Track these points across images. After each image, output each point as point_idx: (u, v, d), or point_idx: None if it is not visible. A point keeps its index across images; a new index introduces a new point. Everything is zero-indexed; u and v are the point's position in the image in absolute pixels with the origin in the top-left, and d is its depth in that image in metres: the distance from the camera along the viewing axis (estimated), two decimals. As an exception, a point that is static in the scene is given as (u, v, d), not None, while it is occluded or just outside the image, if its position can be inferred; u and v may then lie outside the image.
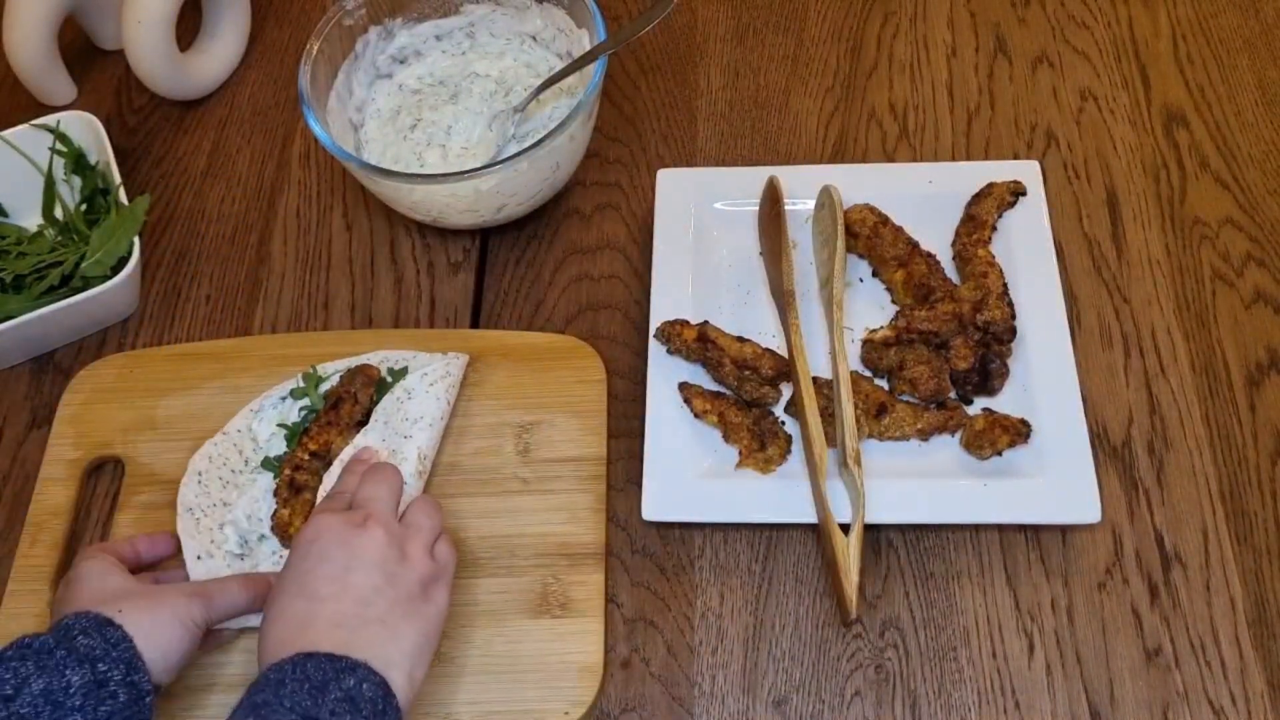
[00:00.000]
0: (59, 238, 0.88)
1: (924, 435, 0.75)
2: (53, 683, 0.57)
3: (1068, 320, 0.77)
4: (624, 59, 0.99)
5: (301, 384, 0.78)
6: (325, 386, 0.79)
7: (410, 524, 0.67)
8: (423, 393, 0.76)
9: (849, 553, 0.69)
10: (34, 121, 0.90)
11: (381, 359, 0.79)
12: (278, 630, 0.60)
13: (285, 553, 0.72)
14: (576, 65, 0.85)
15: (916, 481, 0.73)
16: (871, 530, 0.73)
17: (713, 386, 0.78)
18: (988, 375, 0.76)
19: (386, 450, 0.74)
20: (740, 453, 0.74)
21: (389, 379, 0.78)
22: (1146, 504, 0.74)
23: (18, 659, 0.57)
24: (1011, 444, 0.73)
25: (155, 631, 0.62)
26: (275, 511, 0.73)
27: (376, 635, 0.60)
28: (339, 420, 0.76)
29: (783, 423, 0.76)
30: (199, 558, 0.72)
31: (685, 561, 0.74)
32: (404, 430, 0.75)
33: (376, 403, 0.77)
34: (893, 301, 0.82)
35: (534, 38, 0.93)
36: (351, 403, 0.76)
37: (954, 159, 0.90)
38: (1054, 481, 0.71)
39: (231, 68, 1.02)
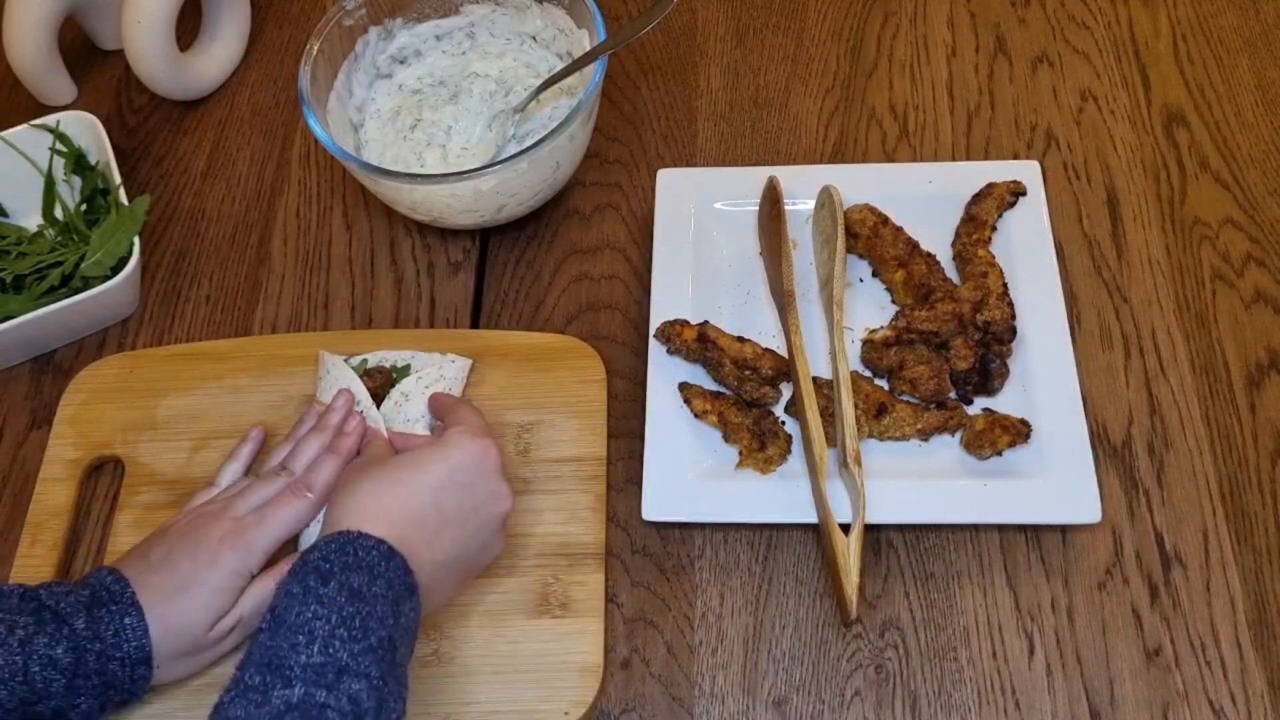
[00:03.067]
0: (59, 238, 0.88)
1: (924, 435, 0.75)
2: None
3: (1068, 320, 0.77)
4: (624, 59, 0.99)
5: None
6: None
7: None
8: (419, 395, 0.76)
9: (849, 553, 0.69)
10: (34, 121, 0.90)
11: (381, 358, 0.79)
12: (394, 505, 0.61)
13: None
14: (576, 65, 0.85)
15: (916, 481, 0.73)
16: (871, 530, 0.73)
17: (713, 386, 0.78)
18: (988, 375, 0.76)
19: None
20: (740, 453, 0.74)
21: (395, 377, 0.78)
22: (1146, 504, 0.74)
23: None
24: (1011, 444, 0.73)
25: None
26: None
27: (444, 587, 0.64)
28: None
29: (783, 423, 0.76)
30: None
31: (685, 561, 0.74)
32: (404, 432, 0.75)
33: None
34: (893, 301, 0.82)
35: (534, 38, 0.93)
36: (376, 405, 0.77)
37: (954, 159, 0.90)
38: (1054, 481, 0.71)
39: (231, 68, 1.02)
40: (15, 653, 0.59)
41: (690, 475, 0.74)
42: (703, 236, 0.84)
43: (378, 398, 0.76)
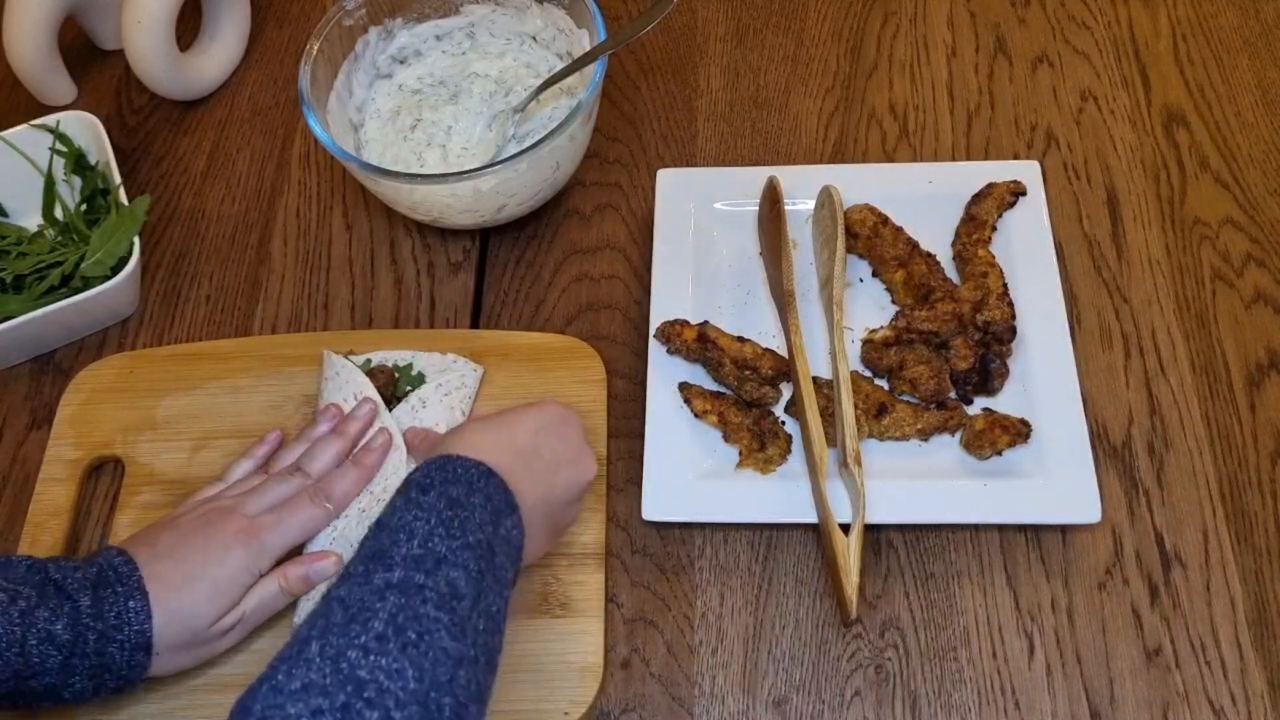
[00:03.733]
0: (59, 238, 0.88)
1: (924, 435, 0.75)
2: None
3: (1068, 320, 0.77)
4: (624, 59, 0.99)
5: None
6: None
7: None
8: (437, 403, 0.76)
9: (849, 553, 0.69)
10: (34, 121, 0.90)
11: (382, 358, 0.79)
12: (499, 438, 0.63)
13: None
14: (576, 65, 0.85)
15: (916, 481, 0.73)
16: (871, 530, 0.73)
17: (713, 386, 0.78)
18: (988, 375, 0.76)
19: (400, 459, 0.73)
20: (740, 453, 0.74)
21: (396, 377, 0.78)
22: (1146, 504, 0.74)
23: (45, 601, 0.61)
24: (1011, 444, 0.73)
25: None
26: None
27: (539, 528, 0.64)
28: None
29: (783, 423, 0.76)
30: None
31: (685, 561, 0.74)
32: None
33: (400, 394, 0.77)
34: (893, 301, 0.82)
35: (534, 38, 0.93)
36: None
37: (954, 159, 0.90)
38: (1054, 481, 0.71)
39: (231, 68, 1.02)
40: (15, 623, 0.59)
41: (690, 475, 0.74)
42: (703, 236, 0.84)
43: (383, 398, 0.76)
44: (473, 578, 0.54)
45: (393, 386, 0.77)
